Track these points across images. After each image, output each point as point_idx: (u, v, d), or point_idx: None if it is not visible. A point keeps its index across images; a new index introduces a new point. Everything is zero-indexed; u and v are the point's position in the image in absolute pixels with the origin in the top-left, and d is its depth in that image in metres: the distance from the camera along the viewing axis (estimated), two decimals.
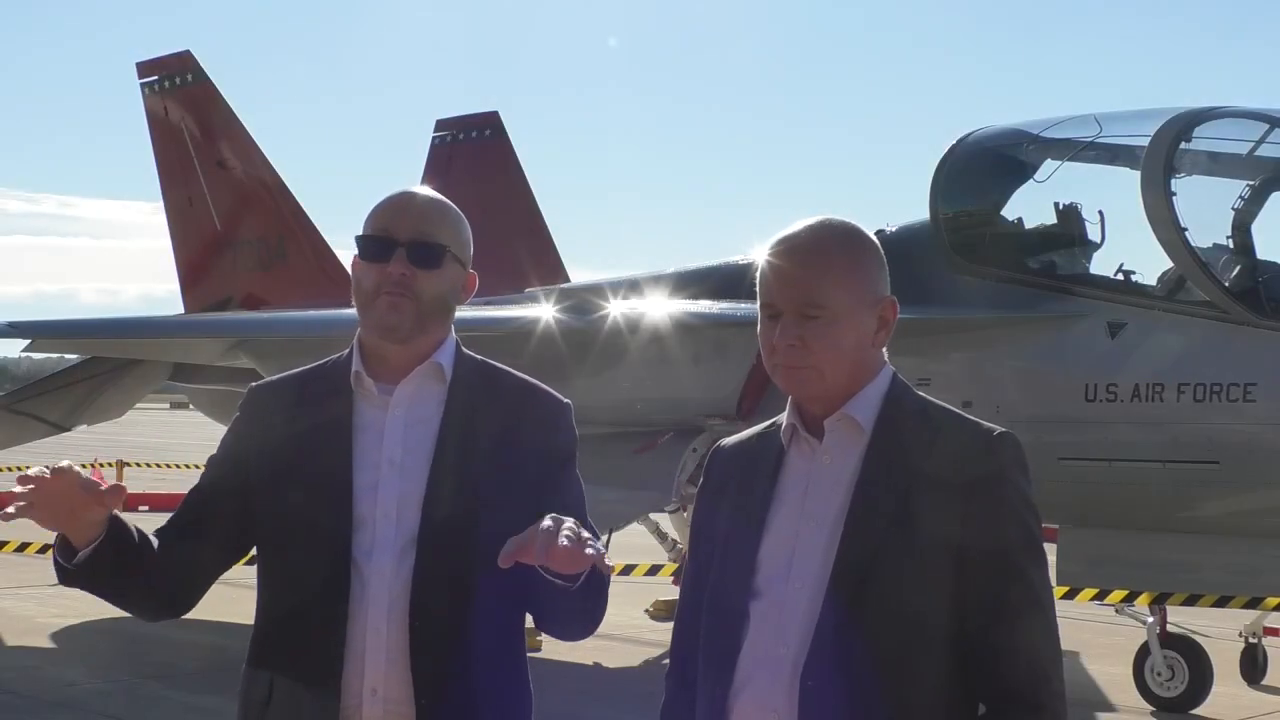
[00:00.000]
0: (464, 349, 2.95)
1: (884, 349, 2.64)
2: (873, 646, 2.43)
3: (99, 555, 2.68)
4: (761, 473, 2.63)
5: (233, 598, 5.73)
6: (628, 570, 10.55)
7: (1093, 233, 9.94)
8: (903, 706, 2.44)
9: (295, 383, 2.97)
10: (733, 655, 2.53)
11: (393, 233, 2.84)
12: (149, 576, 2.82)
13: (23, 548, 11.70)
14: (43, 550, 12.12)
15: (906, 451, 2.52)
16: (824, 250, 2.57)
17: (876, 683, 2.43)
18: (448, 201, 2.96)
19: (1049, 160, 10.15)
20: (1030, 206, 10.20)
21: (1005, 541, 2.48)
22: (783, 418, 2.64)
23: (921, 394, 2.64)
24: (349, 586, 2.74)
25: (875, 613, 2.44)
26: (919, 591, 2.45)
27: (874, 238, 2.65)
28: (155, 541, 2.85)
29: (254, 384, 3.04)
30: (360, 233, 2.89)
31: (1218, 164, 9.78)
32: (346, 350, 2.93)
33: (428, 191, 2.97)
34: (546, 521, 2.49)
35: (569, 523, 2.51)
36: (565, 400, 2.96)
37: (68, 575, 2.73)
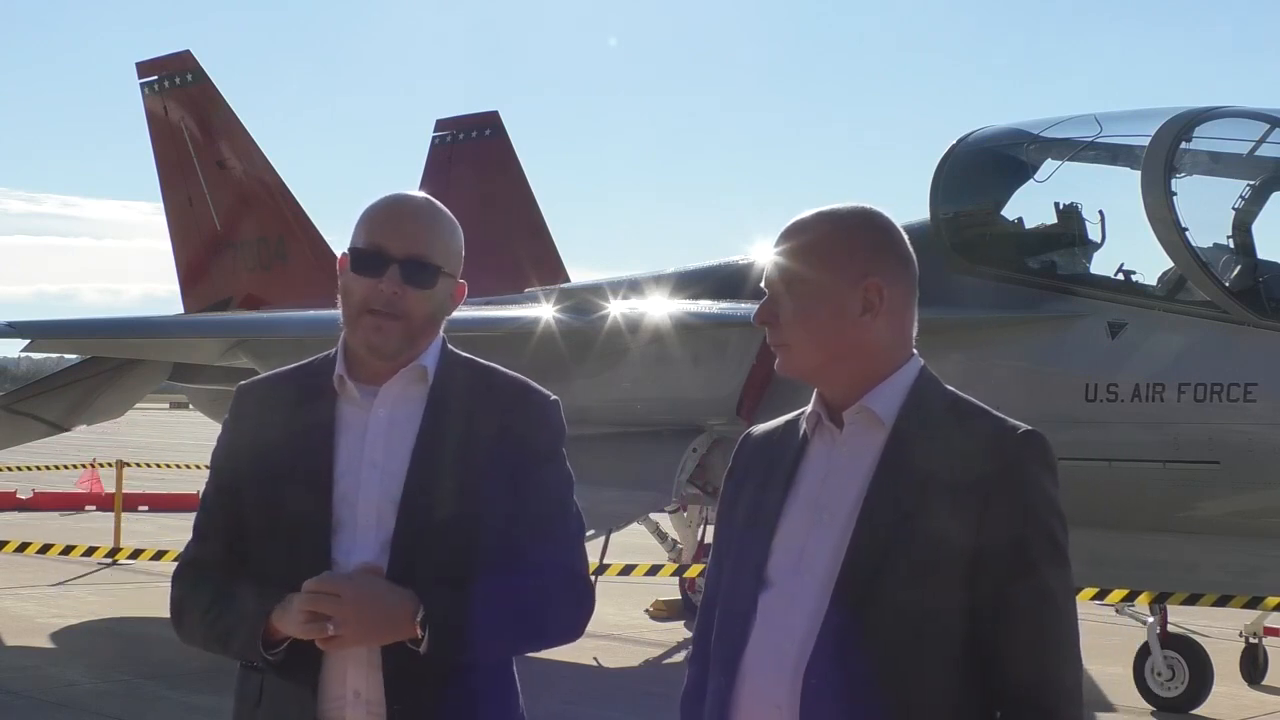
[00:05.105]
0: (450, 347, 2.90)
1: (911, 342, 2.57)
2: (879, 645, 2.36)
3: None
4: (783, 461, 2.55)
5: None
6: (628, 570, 10.53)
7: (1093, 233, 9.94)
8: (908, 708, 2.36)
9: (281, 382, 2.94)
10: (740, 646, 2.48)
11: (386, 249, 2.78)
12: None
13: (23, 548, 11.68)
14: (43, 550, 12.12)
15: (927, 447, 2.44)
16: (800, 229, 2.55)
17: (881, 683, 2.36)
18: (441, 210, 2.89)
19: (1049, 160, 10.15)
20: (1030, 206, 10.20)
21: (1022, 541, 2.38)
22: (810, 406, 2.57)
23: (951, 389, 2.56)
24: None
25: (883, 611, 2.37)
26: (929, 591, 2.37)
27: (883, 222, 2.57)
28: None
29: (242, 383, 3.00)
30: (352, 239, 2.84)
31: (1218, 164, 9.78)
32: (333, 350, 2.89)
33: (421, 201, 2.89)
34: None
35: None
36: (551, 397, 2.90)
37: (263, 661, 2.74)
